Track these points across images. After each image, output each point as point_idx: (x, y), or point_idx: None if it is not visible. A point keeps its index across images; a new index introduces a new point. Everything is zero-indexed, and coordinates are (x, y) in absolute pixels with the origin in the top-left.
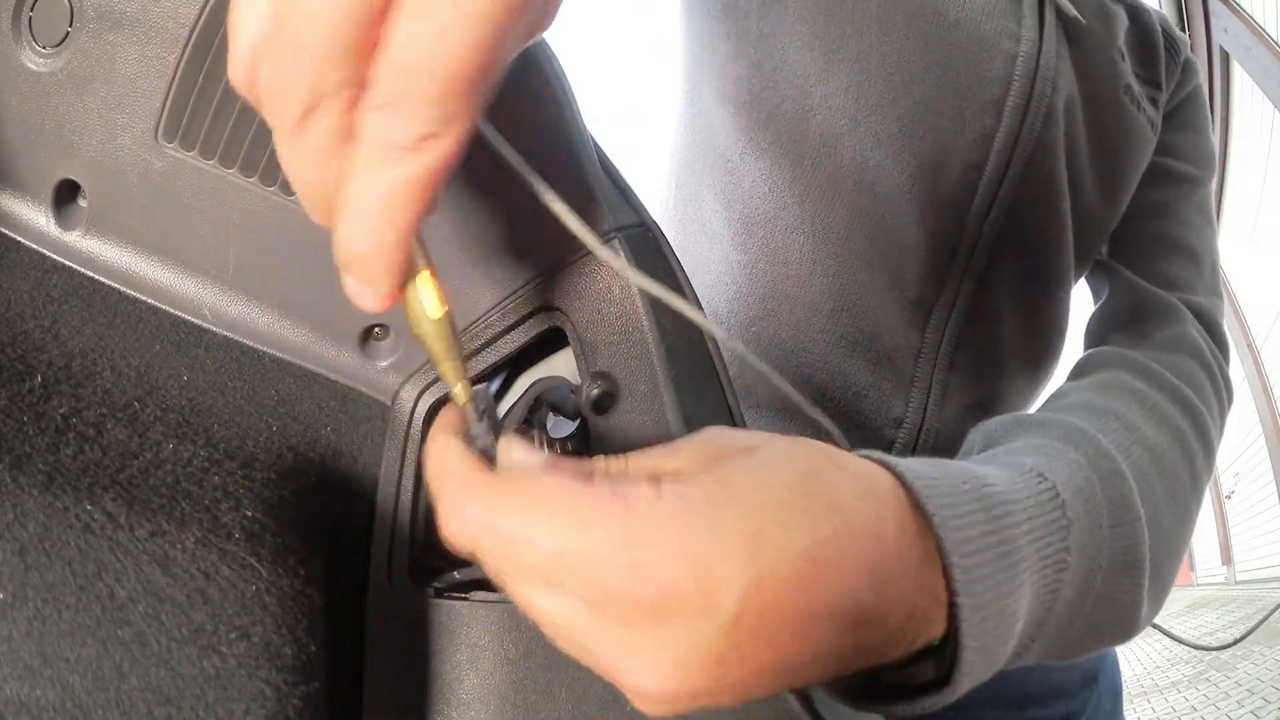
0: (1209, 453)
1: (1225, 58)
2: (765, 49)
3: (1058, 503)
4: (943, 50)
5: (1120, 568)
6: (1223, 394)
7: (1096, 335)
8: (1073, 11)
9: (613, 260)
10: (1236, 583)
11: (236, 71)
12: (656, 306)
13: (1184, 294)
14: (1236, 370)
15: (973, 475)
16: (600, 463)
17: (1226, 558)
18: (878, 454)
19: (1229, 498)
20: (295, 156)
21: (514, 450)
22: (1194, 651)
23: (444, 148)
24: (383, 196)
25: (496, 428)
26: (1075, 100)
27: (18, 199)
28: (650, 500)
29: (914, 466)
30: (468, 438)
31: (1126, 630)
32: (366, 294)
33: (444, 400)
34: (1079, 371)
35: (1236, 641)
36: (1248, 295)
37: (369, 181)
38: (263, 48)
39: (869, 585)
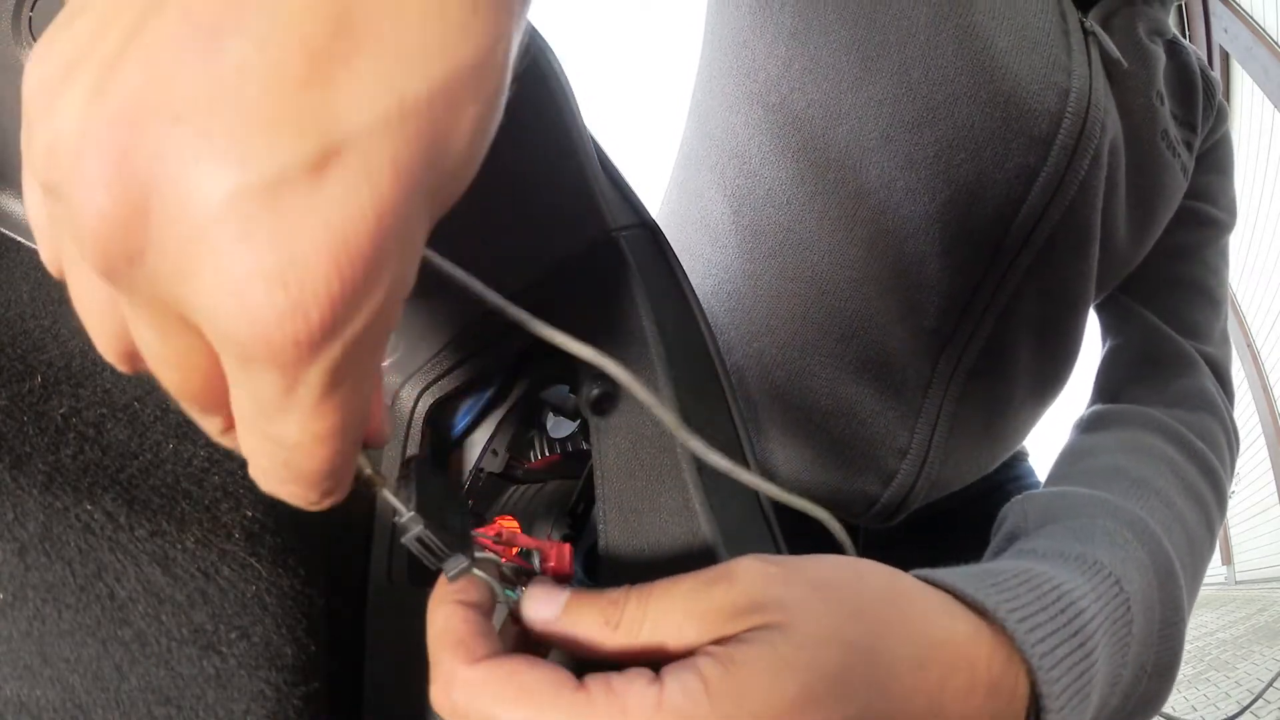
0: (1221, 520)
1: (1225, 58)
2: (797, 46)
3: (1128, 618)
4: (992, 75)
5: (1164, 670)
6: (1234, 449)
7: (1111, 380)
8: (1115, 52)
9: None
10: (1236, 583)
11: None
12: (657, 307)
13: (1199, 343)
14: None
15: (1060, 592)
16: (611, 603)
17: (1226, 558)
18: (958, 586)
19: (1229, 497)
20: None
21: (531, 606)
22: (1194, 651)
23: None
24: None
25: (424, 507)
26: (1119, 144)
27: (18, 199)
28: (648, 712)
29: (1005, 593)
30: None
31: (1149, 717)
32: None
33: (444, 400)
34: (1101, 423)
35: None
36: (1248, 295)
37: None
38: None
39: None
